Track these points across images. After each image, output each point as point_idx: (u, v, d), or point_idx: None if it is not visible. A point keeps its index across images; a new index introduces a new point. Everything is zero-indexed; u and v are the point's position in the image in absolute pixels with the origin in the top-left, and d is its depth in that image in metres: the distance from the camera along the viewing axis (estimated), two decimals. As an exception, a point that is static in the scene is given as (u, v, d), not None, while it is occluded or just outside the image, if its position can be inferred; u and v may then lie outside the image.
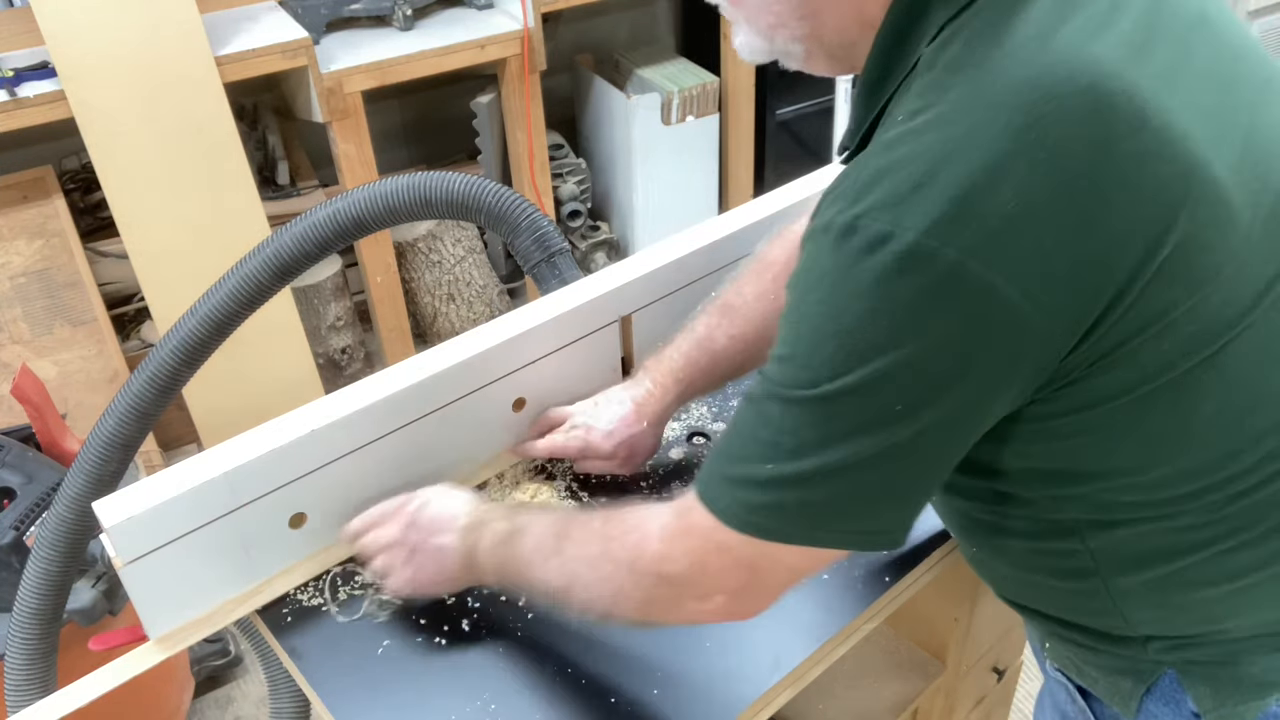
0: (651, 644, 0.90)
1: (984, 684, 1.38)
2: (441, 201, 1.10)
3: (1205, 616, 0.74)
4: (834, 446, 0.63)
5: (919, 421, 0.62)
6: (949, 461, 0.67)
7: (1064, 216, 0.57)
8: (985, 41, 0.61)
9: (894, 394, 0.61)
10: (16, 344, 2.18)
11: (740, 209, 1.25)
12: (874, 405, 0.61)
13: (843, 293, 0.60)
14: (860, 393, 0.61)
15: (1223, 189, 0.62)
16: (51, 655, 1.15)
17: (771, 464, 0.65)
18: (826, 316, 0.61)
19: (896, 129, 0.61)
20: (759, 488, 0.66)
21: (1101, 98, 0.58)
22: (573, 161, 2.96)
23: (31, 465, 1.53)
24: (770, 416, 0.65)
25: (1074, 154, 0.57)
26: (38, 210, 2.18)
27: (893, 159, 0.60)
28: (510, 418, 1.09)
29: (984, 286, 0.57)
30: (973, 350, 0.60)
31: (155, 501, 0.85)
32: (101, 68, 1.91)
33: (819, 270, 0.62)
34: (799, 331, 0.64)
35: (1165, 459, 0.68)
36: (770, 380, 0.65)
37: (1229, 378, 0.65)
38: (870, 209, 0.58)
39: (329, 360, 2.63)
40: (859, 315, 0.59)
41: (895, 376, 0.60)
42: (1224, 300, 0.63)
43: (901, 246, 0.57)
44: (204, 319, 1.10)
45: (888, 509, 0.67)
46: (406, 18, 2.42)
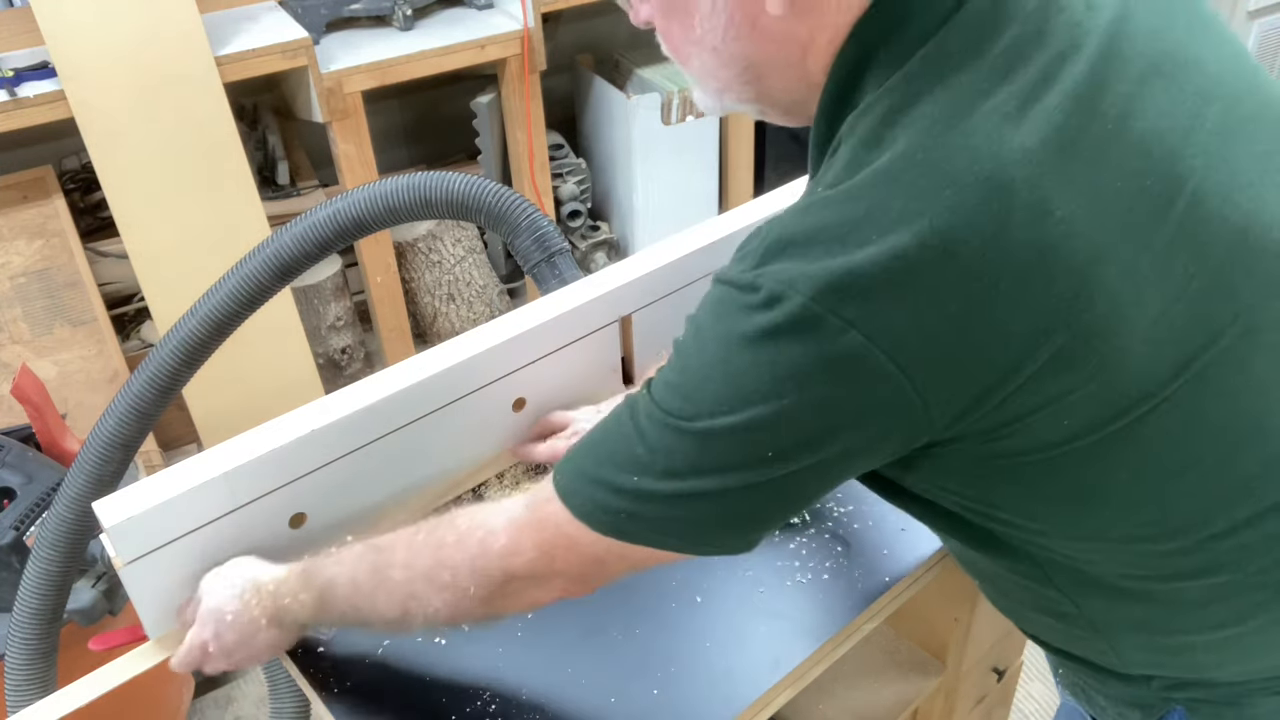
0: (651, 644, 0.90)
1: (984, 684, 1.38)
2: (441, 201, 1.10)
3: (1195, 663, 0.74)
4: (702, 476, 0.65)
5: (786, 467, 0.64)
6: (813, 498, 0.71)
7: (950, 303, 0.58)
8: (901, 119, 0.61)
9: (766, 441, 0.63)
10: (16, 344, 2.18)
11: (740, 209, 1.24)
12: (746, 447, 0.64)
13: (734, 339, 0.63)
14: (735, 434, 0.63)
15: (1132, 278, 0.60)
16: (51, 655, 1.15)
17: (638, 477, 0.67)
18: (716, 357, 0.64)
19: (811, 197, 0.63)
20: (622, 495, 0.68)
21: (1000, 187, 0.57)
22: (573, 161, 2.96)
23: (31, 465, 1.53)
24: (646, 433, 0.67)
25: (965, 242, 0.57)
26: (38, 210, 2.18)
27: (797, 229, 0.62)
28: (510, 418, 1.09)
29: (862, 356, 0.59)
30: (845, 413, 0.62)
31: (155, 501, 0.85)
32: (101, 68, 1.91)
33: (717, 313, 0.65)
34: (688, 364, 0.66)
35: (1089, 515, 0.68)
36: (653, 400, 0.68)
37: (1146, 447, 0.64)
38: (771, 272, 0.61)
39: (329, 360, 2.63)
40: (744, 363, 0.62)
41: (769, 426, 0.62)
42: (1133, 379, 0.62)
43: (792, 308, 0.59)
44: (204, 319, 1.10)
45: (745, 530, 0.70)
46: (406, 18, 2.42)
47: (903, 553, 0.97)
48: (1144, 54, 0.64)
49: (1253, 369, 0.65)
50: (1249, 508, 0.67)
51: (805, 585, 0.95)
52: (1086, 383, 0.61)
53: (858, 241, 0.58)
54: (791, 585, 0.95)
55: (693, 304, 1.19)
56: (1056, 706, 1.87)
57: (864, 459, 0.66)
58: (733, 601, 0.93)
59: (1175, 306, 0.62)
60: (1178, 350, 0.62)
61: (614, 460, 0.69)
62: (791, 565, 0.97)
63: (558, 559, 0.73)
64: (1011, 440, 0.64)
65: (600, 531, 0.70)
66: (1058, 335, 0.59)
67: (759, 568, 0.96)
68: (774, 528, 0.72)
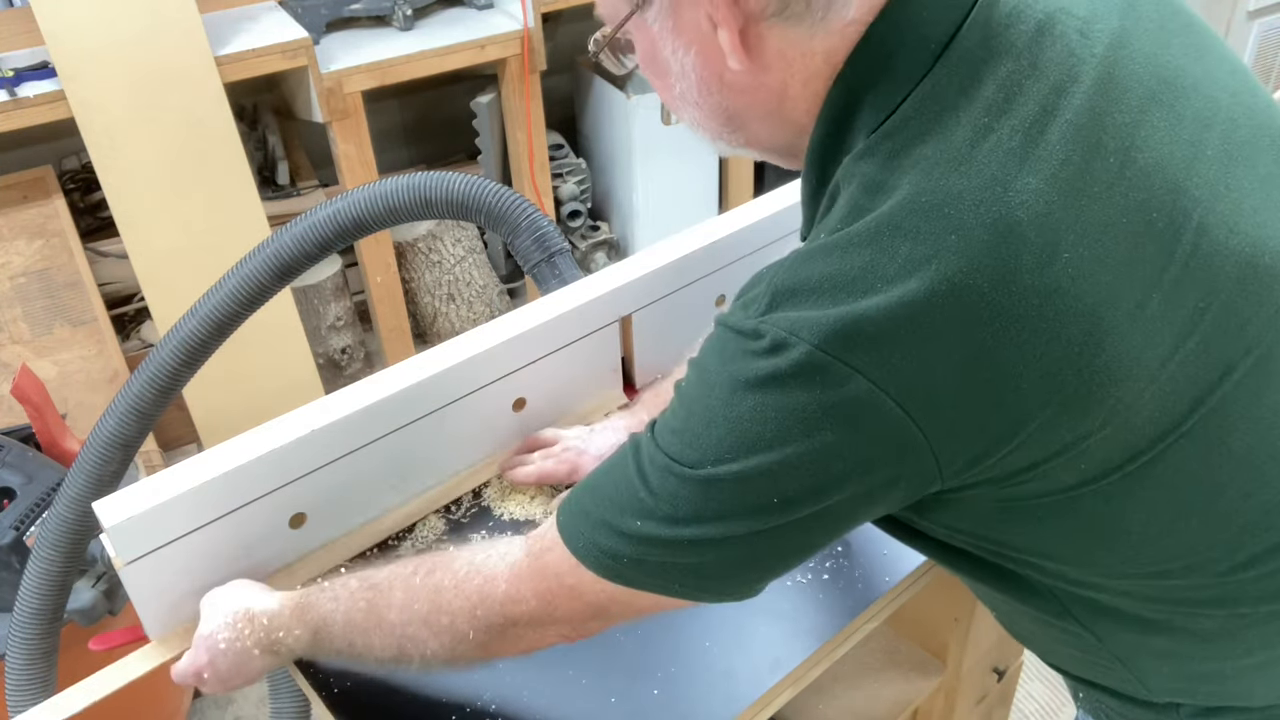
0: (651, 644, 0.90)
1: (984, 684, 1.38)
2: (441, 201, 1.10)
3: (1225, 691, 0.73)
4: (706, 523, 0.64)
5: (792, 514, 0.63)
6: (820, 546, 0.69)
7: (958, 350, 0.57)
8: (901, 162, 0.60)
9: (770, 489, 0.62)
10: (16, 344, 2.18)
11: (740, 209, 1.24)
12: (750, 495, 0.63)
13: (738, 385, 0.62)
14: (739, 482, 0.62)
15: (1142, 318, 0.59)
16: (52, 655, 1.15)
17: (642, 522, 0.66)
18: (719, 403, 0.63)
19: (813, 244, 0.62)
20: (626, 540, 0.67)
21: (1008, 230, 0.56)
22: (573, 161, 2.96)
23: (31, 465, 1.53)
24: (649, 477, 0.66)
25: (974, 288, 0.56)
26: (38, 210, 2.18)
27: (802, 278, 0.61)
28: (510, 418, 1.09)
29: (869, 402, 0.58)
30: (851, 460, 0.61)
31: (155, 501, 0.85)
32: (101, 68, 1.91)
33: (721, 358, 0.64)
34: (692, 409, 0.65)
35: (1108, 553, 0.67)
36: (657, 445, 0.67)
37: (1165, 484, 0.64)
38: (775, 320, 0.60)
39: (329, 360, 2.63)
40: (748, 410, 0.61)
41: (773, 474, 0.61)
42: (1148, 419, 0.61)
43: (797, 355, 0.58)
44: (204, 319, 1.10)
45: (749, 577, 0.69)
46: (406, 18, 2.42)
47: (903, 553, 0.97)
48: (1142, 81, 0.63)
49: (1266, 399, 0.64)
50: (1270, 538, 0.66)
51: (805, 585, 0.95)
52: (1101, 428, 0.60)
53: (864, 289, 0.58)
54: (791, 585, 0.95)
55: (693, 304, 1.20)
56: (1059, 706, 1.87)
57: (871, 507, 0.65)
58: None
59: (1187, 343, 0.61)
60: (1192, 387, 0.61)
61: (617, 504, 0.68)
62: (791, 565, 0.97)
63: (559, 607, 0.72)
64: (1027, 485, 0.63)
65: (603, 577, 0.69)
66: (1068, 382, 0.58)
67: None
68: (779, 575, 0.70)
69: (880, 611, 0.95)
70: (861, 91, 0.63)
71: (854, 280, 0.58)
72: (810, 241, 0.63)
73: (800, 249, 0.64)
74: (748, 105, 0.69)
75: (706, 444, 0.63)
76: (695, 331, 1.24)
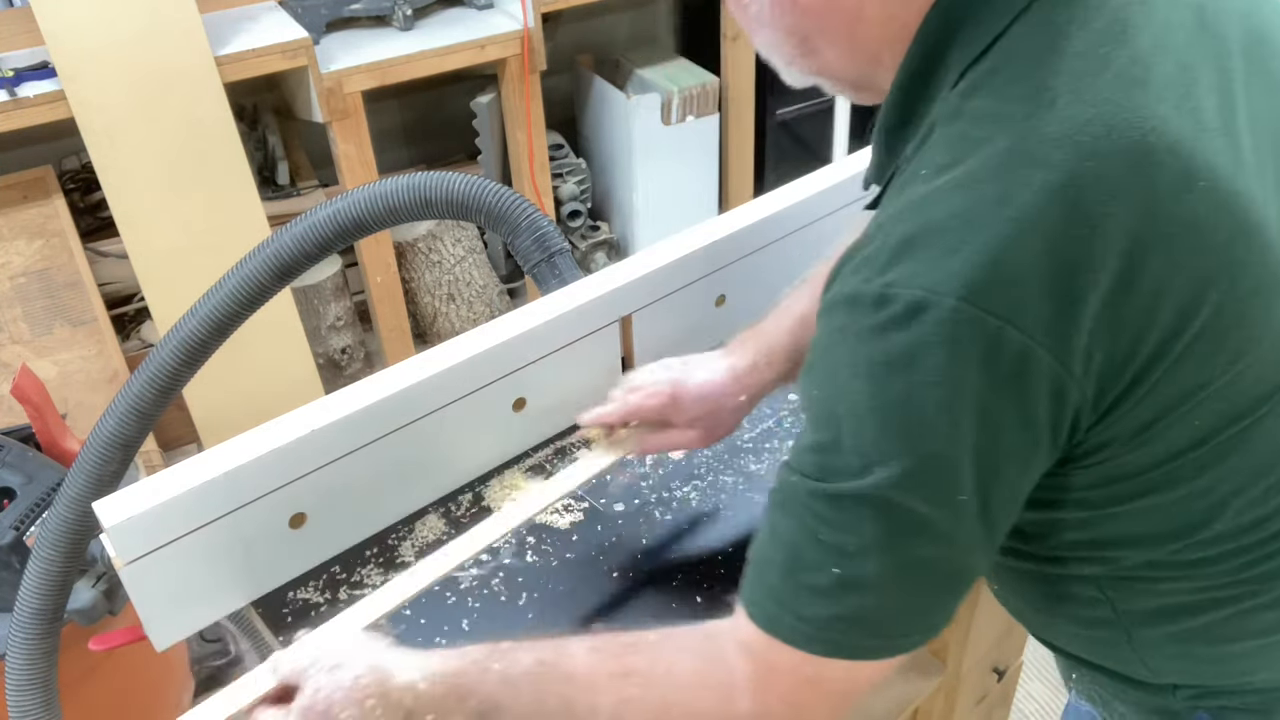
0: (651, 644, 0.90)
1: (984, 684, 1.38)
2: (441, 201, 1.10)
3: (1232, 670, 0.73)
4: (898, 537, 0.58)
5: (979, 497, 0.58)
6: (1002, 531, 0.63)
7: (1101, 283, 0.54)
8: (1017, 92, 0.57)
9: (950, 472, 0.57)
10: (16, 344, 2.18)
11: (740, 209, 1.24)
12: (929, 486, 0.57)
13: (879, 368, 0.56)
14: (915, 475, 0.56)
15: (1272, 254, 0.59)
16: (52, 655, 1.15)
17: (836, 569, 0.59)
18: (865, 394, 0.57)
19: (923, 186, 0.58)
20: (829, 599, 0.60)
21: (1145, 155, 0.55)
22: (573, 161, 2.96)
23: (31, 465, 1.53)
24: (821, 516, 0.59)
25: (1113, 216, 0.54)
26: (38, 210, 2.18)
27: (923, 222, 0.56)
28: (510, 418, 1.09)
29: (1024, 355, 0.54)
30: (1018, 419, 0.56)
31: (155, 501, 0.85)
32: (101, 68, 1.91)
33: (848, 345, 0.58)
34: (833, 413, 0.59)
35: (1190, 528, 0.66)
36: (808, 476, 0.60)
37: (1256, 450, 0.63)
38: (903, 277, 0.55)
39: (329, 360, 2.63)
40: (901, 391, 0.55)
41: (947, 453, 0.56)
42: (1257, 377, 0.60)
43: (941, 315, 0.54)
44: (204, 319, 1.10)
45: (953, 597, 0.63)
46: (406, 18, 2.42)
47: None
48: (1236, 24, 0.63)
49: None
50: None
51: (805, 585, 0.95)
52: (1221, 374, 0.59)
53: (999, 227, 0.54)
54: (791, 585, 0.95)
55: (693, 304, 1.20)
56: (1060, 706, 1.87)
57: (1036, 471, 0.60)
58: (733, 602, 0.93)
59: None
60: None
61: (801, 565, 0.60)
62: (791, 565, 0.97)
63: (806, 706, 0.64)
64: (1143, 450, 0.61)
65: (835, 655, 0.61)
66: (1197, 318, 0.57)
67: None
68: (970, 586, 0.63)
69: (880, 611, 0.95)
70: (959, 21, 0.60)
71: (985, 220, 0.54)
72: (918, 185, 0.59)
73: (907, 197, 0.59)
74: (820, 29, 0.66)
75: (864, 446, 0.57)
76: (695, 331, 1.24)
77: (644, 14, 3.18)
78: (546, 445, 1.13)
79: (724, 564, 0.97)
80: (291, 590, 0.97)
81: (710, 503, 1.04)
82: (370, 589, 0.97)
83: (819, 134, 3.06)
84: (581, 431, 0.98)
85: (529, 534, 1.02)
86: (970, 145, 0.57)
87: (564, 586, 0.96)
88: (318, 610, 0.95)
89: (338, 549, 1.01)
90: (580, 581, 0.96)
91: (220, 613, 0.95)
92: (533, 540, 1.01)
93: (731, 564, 0.97)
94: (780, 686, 0.63)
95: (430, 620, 0.93)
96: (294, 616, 0.95)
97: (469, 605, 0.95)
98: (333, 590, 0.97)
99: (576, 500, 1.06)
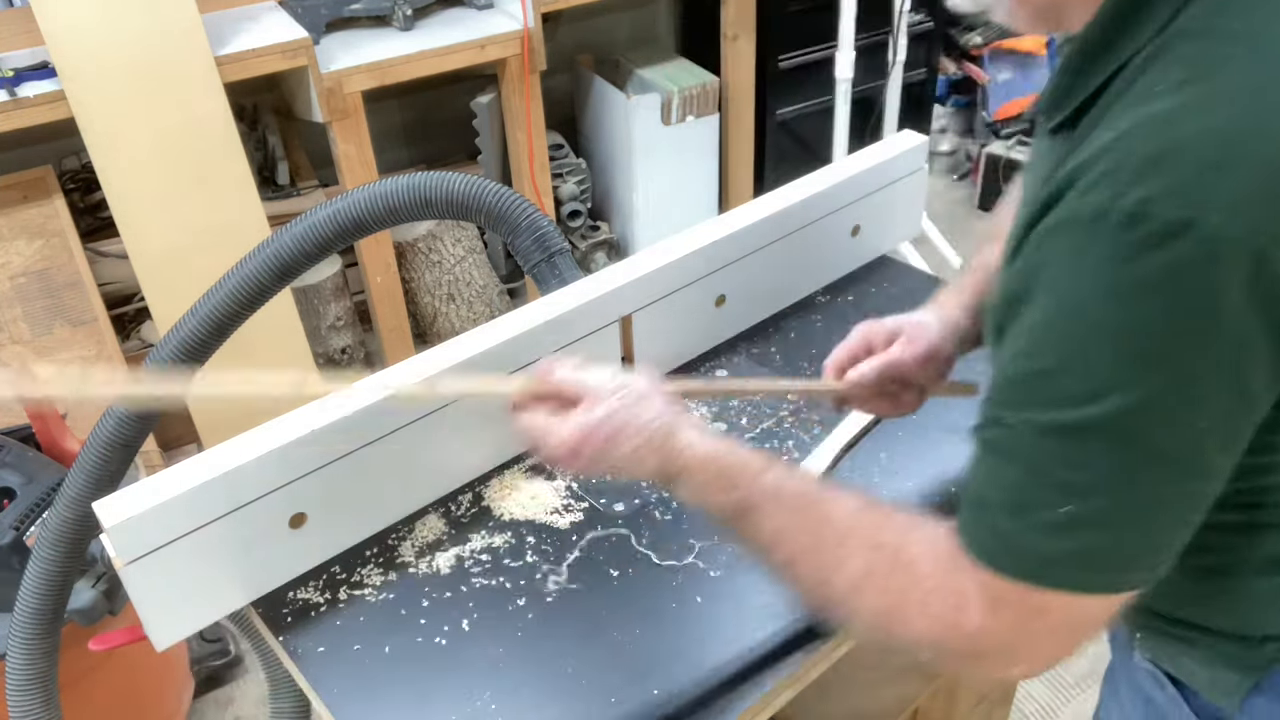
0: (651, 644, 0.90)
1: (984, 684, 1.38)
2: (441, 201, 1.10)
3: None
4: (1134, 470, 0.56)
5: (1222, 426, 0.56)
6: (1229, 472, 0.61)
7: None
8: (1269, 11, 0.56)
9: (1194, 398, 0.55)
10: (16, 344, 2.18)
11: (740, 209, 1.25)
12: (1171, 414, 0.55)
13: (1129, 289, 0.53)
14: (1156, 402, 0.55)
15: None
16: (53, 655, 1.15)
17: (1064, 506, 0.58)
18: (1106, 316, 0.54)
19: (1163, 103, 0.55)
20: (1061, 534, 0.59)
21: None
22: (573, 161, 2.97)
23: (31, 465, 1.53)
24: (1047, 451, 0.58)
25: None
26: (38, 210, 2.18)
27: (1173, 139, 0.54)
28: (511, 418, 1.09)
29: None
30: (1269, 342, 0.54)
31: (155, 501, 0.85)
32: (101, 68, 1.91)
33: (1091, 264, 0.55)
34: (1061, 338, 0.57)
35: None
36: (1031, 405, 0.58)
37: None
38: (1161, 193, 0.52)
39: (329, 360, 2.63)
40: (1151, 314, 0.53)
41: (1194, 377, 0.54)
42: None
43: (1206, 234, 0.51)
44: (204, 319, 1.10)
45: (1184, 532, 0.61)
46: (406, 18, 2.42)
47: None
48: None
49: None
50: None
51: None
52: None
53: (1259, 145, 0.52)
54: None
55: (693, 304, 1.20)
56: (1060, 706, 1.87)
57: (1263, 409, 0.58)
58: (733, 601, 0.93)
59: None
60: None
61: (1028, 501, 0.59)
62: (791, 565, 0.97)
63: (1033, 633, 0.64)
64: None
65: (1064, 589, 0.61)
66: None
67: (759, 568, 0.97)
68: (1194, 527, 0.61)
69: (880, 611, 0.95)
70: None
71: (1250, 133, 0.53)
72: (1155, 102, 0.56)
73: (1144, 112, 0.56)
74: None
75: (1102, 371, 0.55)
76: (695, 331, 1.24)
77: (644, 14, 3.18)
78: (546, 445, 1.13)
79: (720, 564, 0.97)
80: (291, 590, 0.97)
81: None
82: (370, 589, 0.97)
83: (819, 134, 3.06)
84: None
85: (529, 534, 1.02)
86: (1220, 62, 0.55)
87: (564, 586, 0.96)
88: (318, 610, 0.95)
89: (338, 549, 1.01)
90: (581, 582, 0.97)
91: (220, 613, 0.95)
92: (533, 540, 1.01)
93: (730, 564, 0.97)
94: (1008, 615, 0.63)
95: (430, 620, 0.93)
96: (294, 616, 0.95)
97: (469, 606, 0.95)
98: (333, 590, 0.97)
99: (576, 500, 1.06)
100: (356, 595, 0.97)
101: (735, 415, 1.16)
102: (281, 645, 0.93)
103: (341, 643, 0.92)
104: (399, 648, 0.91)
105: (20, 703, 1.12)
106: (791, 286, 1.34)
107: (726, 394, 1.15)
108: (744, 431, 1.14)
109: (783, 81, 2.99)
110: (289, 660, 0.92)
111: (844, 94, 2.61)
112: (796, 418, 1.16)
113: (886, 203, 1.40)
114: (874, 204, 1.38)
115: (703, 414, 1.17)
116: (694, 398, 1.11)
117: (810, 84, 3.01)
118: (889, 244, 1.46)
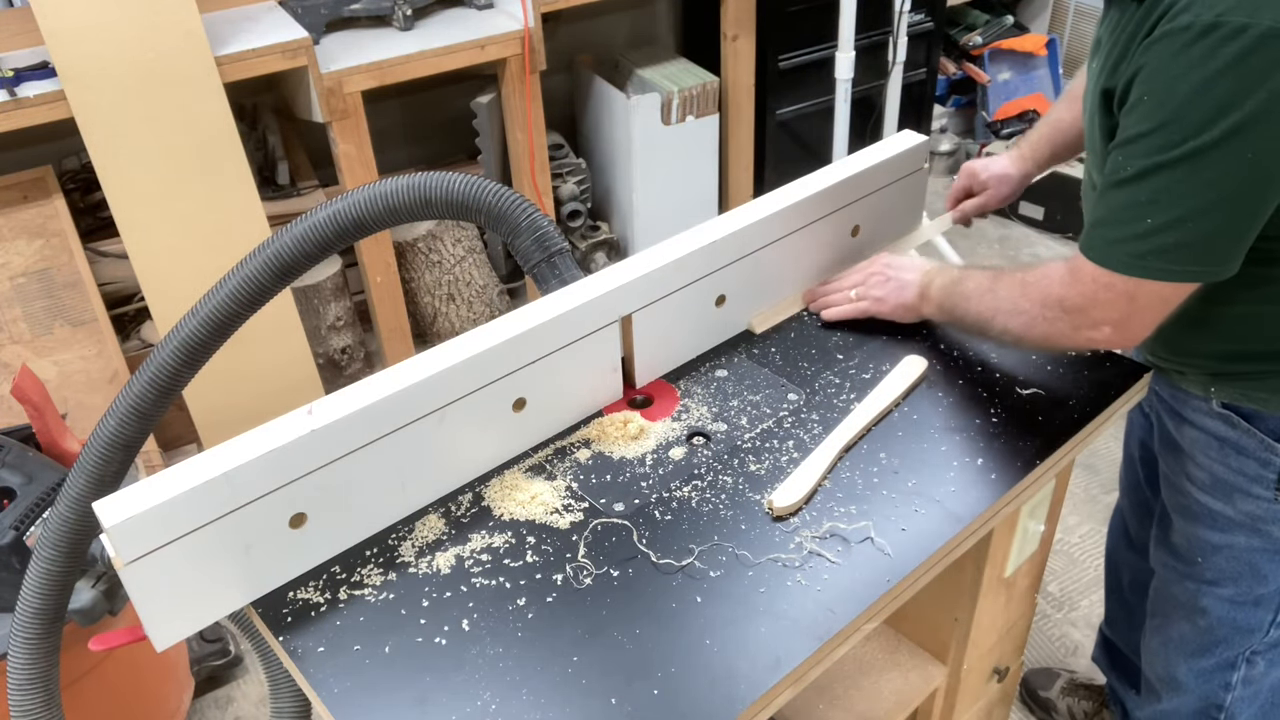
0: (651, 644, 0.90)
1: (984, 684, 1.38)
2: (441, 201, 1.10)
3: None
4: (1202, 191, 0.89)
5: (1264, 166, 0.87)
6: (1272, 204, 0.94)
7: None
8: None
9: (1246, 144, 0.86)
10: (16, 344, 2.18)
11: (740, 209, 1.25)
12: (1231, 154, 0.87)
13: (1203, 72, 0.85)
14: (1220, 145, 0.86)
15: None
16: (54, 655, 1.15)
17: (1150, 219, 0.92)
18: (1193, 89, 0.86)
19: None
20: (1140, 239, 0.93)
21: None
22: (573, 161, 2.97)
23: (31, 465, 1.53)
24: (1144, 184, 0.91)
25: None
26: (38, 210, 2.18)
27: None
28: (510, 418, 1.09)
29: None
30: None
31: (155, 501, 0.85)
32: (101, 68, 1.91)
33: (1183, 60, 0.86)
34: (1163, 103, 0.88)
35: None
36: (1136, 155, 0.91)
37: None
38: (1229, 9, 0.84)
39: (329, 360, 2.63)
40: (1222, 86, 0.85)
41: (1246, 130, 0.86)
42: None
43: (1259, 31, 0.83)
44: (205, 320, 1.10)
45: (1237, 246, 0.95)
46: (406, 18, 2.42)
47: (903, 553, 0.97)
48: None
49: None
50: None
51: (805, 585, 0.95)
52: None
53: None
54: (791, 585, 0.95)
55: (693, 304, 1.20)
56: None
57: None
58: (733, 601, 0.93)
59: None
60: None
61: (1123, 219, 0.94)
62: (792, 565, 0.97)
63: (1099, 299, 1.00)
64: None
65: (1128, 273, 0.96)
66: None
67: (759, 568, 0.97)
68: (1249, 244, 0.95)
69: (880, 611, 0.95)
70: None
71: None
72: None
73: None
74: None
75: (1187, 124, 0.87)
76: (695, 331, 1.24)
77: (644, 14, 3.18)
78: (546, 445, 1.14)
79: (720, 564, 0.97)
80: (291, 590, 0.97)
81: (710, 503, 1.05)
82: (370, 589, 0.97)
83: (819, 134, 3.07)
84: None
85: (529, 534, 1.02)
86: None
87: (564, 587, 0.96)
88: (318, 610, 0.95)
89: (338, 549, 1.01)
90: (581, 582, 0.97)
91: (220, 613, 0.95)
92: (533, 540, 1.01)
93: (730, 564, 0.97)
94: (1081, 285, 1.01)
95: (430, 620, 0.93)
96: (294, 616, 0.95)
97: (469, 606, 0.95)
98: (333, 590, 0.97)
99: (576, 500, 1.06)
100: (356, 595, 0.97)
101: (735, 415, 1.16)
102: (281, 645, 0.93)
103: (341, 643, 0.92)
104: (399, 648, 0.91)
105: (21, 703, 1.12)
106: (791, 286, 1.35)
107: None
108: (744, 431, 1.14)
109: (783, 81, 2.99)
110: (289, 660, 0.92)
111: (844, 94, 2.61)
112: (797, 418, 1.16)
113: (886, 203, 1.40)
114: (874, 204, 1.38)
115: (703, 414, 1.17)
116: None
117: (810, 84, 3.01)
118: (889, 244, 1.46)
